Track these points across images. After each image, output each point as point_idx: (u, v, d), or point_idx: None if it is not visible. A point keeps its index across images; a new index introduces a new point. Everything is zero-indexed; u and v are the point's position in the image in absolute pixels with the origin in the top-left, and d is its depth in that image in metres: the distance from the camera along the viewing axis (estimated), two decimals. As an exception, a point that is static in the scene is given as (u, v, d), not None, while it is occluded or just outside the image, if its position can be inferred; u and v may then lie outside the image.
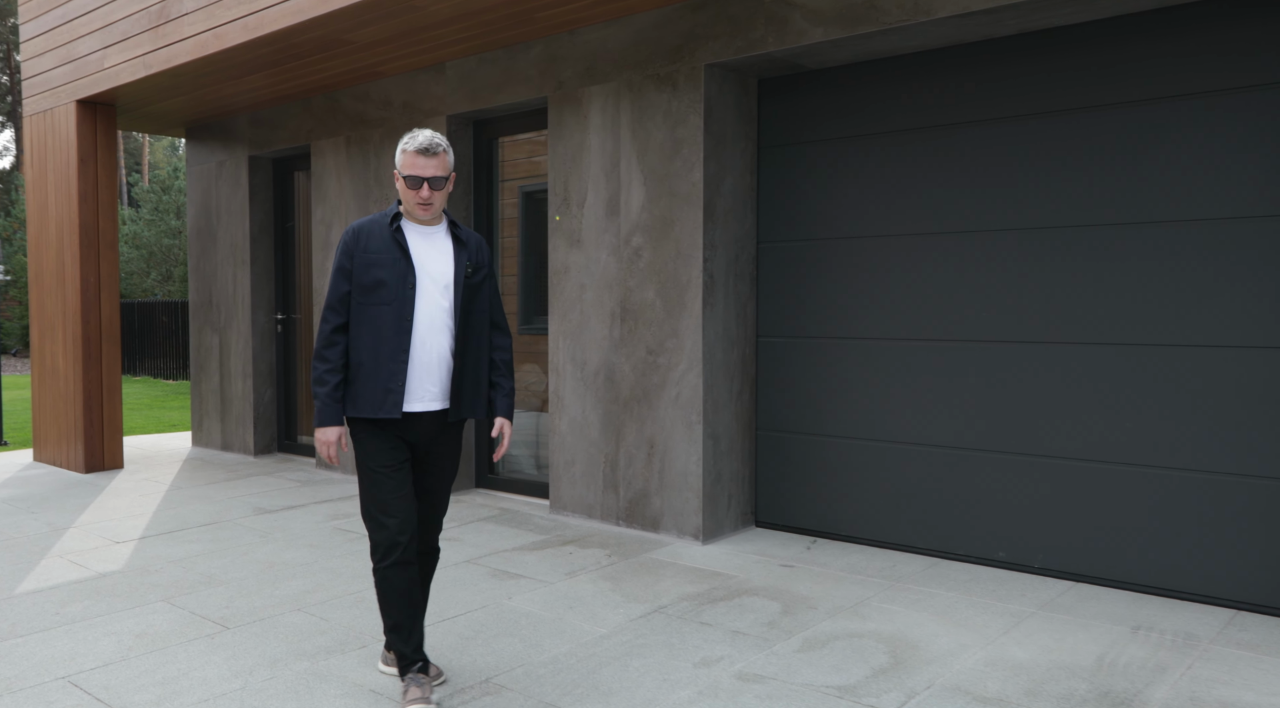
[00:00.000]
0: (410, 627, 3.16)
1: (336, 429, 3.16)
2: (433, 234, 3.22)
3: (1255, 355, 3.97)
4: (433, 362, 3.16)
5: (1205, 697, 3.24)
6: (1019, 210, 4.55)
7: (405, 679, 3.16)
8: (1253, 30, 3.93)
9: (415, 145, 3.12)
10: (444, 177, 3.15)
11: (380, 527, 3.12)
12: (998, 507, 4.67)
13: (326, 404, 3.14)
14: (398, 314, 3.11)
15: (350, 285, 3.14)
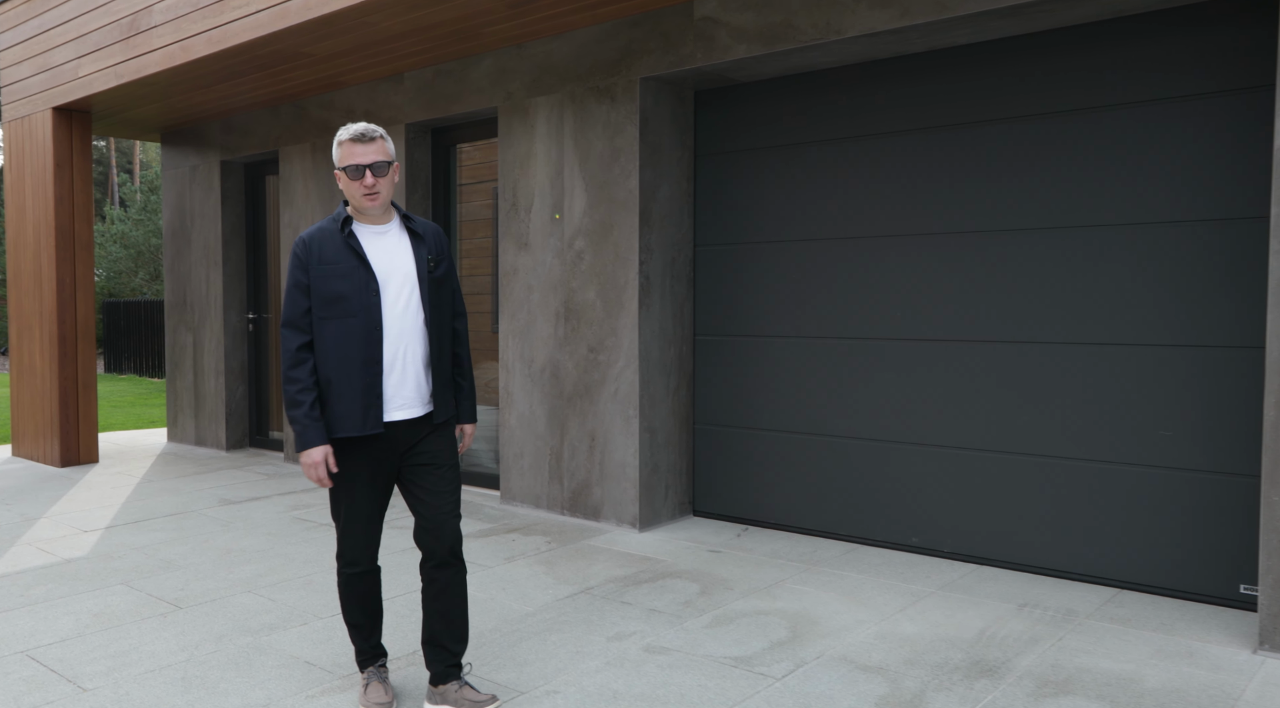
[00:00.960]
0: (370, 626, 3.22)
1: (321, 449, 2.96)
2: (387, 232, 3.06)
3: (1146, 353, 4.27)
4: (409, 367, 3.04)
5: (1066, 664, 3.53)
6: (931, 216, 4.85)
7: (365, 674, 3.22)
8: (1150, 49, 4.23)
9: (349, 134, 2.97)
10: (386, 162, 2.98)
11: (346, 536, 3.11)
12: (912, 495, 4.97)
13: (306, 425, 2.95)
14: (365, 324, 2.97)
15: (309, 301, 2.99)
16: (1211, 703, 3.20)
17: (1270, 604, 3.57)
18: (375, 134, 2.99)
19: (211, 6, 6.12)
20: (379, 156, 2.97)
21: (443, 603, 3.12)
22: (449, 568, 3.11)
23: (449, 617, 3.13)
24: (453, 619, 3.13)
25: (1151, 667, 3.50)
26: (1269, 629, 3.57)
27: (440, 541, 3.07)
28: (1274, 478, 3.54)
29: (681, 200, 5.67)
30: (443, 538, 3.08)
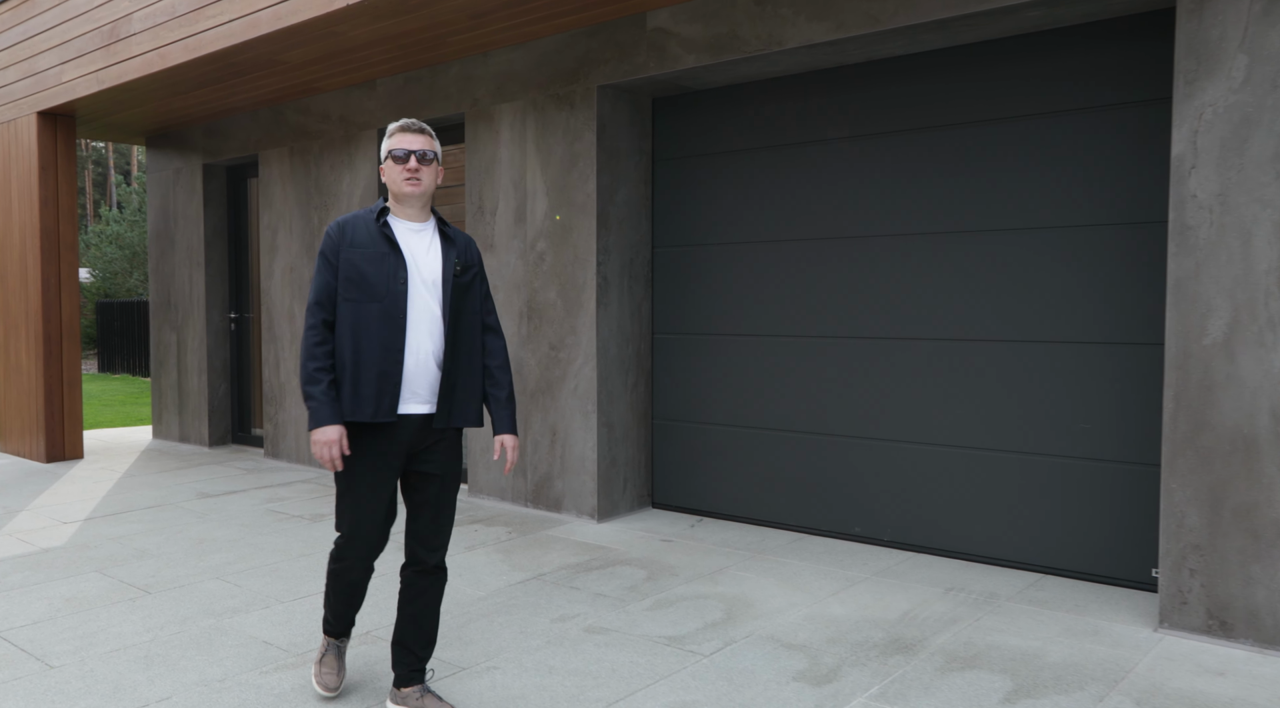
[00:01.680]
0: (348, 616, 3.28)
1: (336, 428, 2.92)
2: (421, 231, 3.07)
3: (1066, 349, 4.48)
4: (420, 362, 3.02)
5: (978, 641, 3.75)
6: (869, 219, 5.06)
7: (325, 643, 3.32)
8: (1066, 62, 4.44)
9: (399, 125, 3.03)
10: (432, 152, 3.03)
11: (355, 535, 3.06)
12: (854, 487, 5.18)
13: (322, 403, 2.92)
14: (388, 312, 2.96)
15: (336, 281, 3.00)
16: (1105, 675, 3.42)
17: (1169, 585, 3.79)
18: (427, 129, 3.05)
19: (187, 15, 6.33)
20: (427, 147, 3.02)
21: (417, 607, 3.14)
22: (430, 575, 3.14)
23: (420, 622, 3.14)
24: (423, 625, 3.15)
25: (1057, 644, 3.72)
26: (1168, 609, 3.79)
27: (431, 553, 3.11)
28: (1173, 467, 3.76)
29: (639, 203, 5.89)
30: (434, 551, 3.11)
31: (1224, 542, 3.66)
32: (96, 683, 3.43)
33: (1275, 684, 3.33)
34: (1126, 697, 3.25)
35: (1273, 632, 3.57)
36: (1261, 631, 3.59)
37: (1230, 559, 3.65)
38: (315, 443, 2.93)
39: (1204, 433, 3.69)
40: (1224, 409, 3.64)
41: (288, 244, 7.78)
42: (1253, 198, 3.55)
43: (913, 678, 3.41)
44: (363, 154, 7.10)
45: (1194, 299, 3.69)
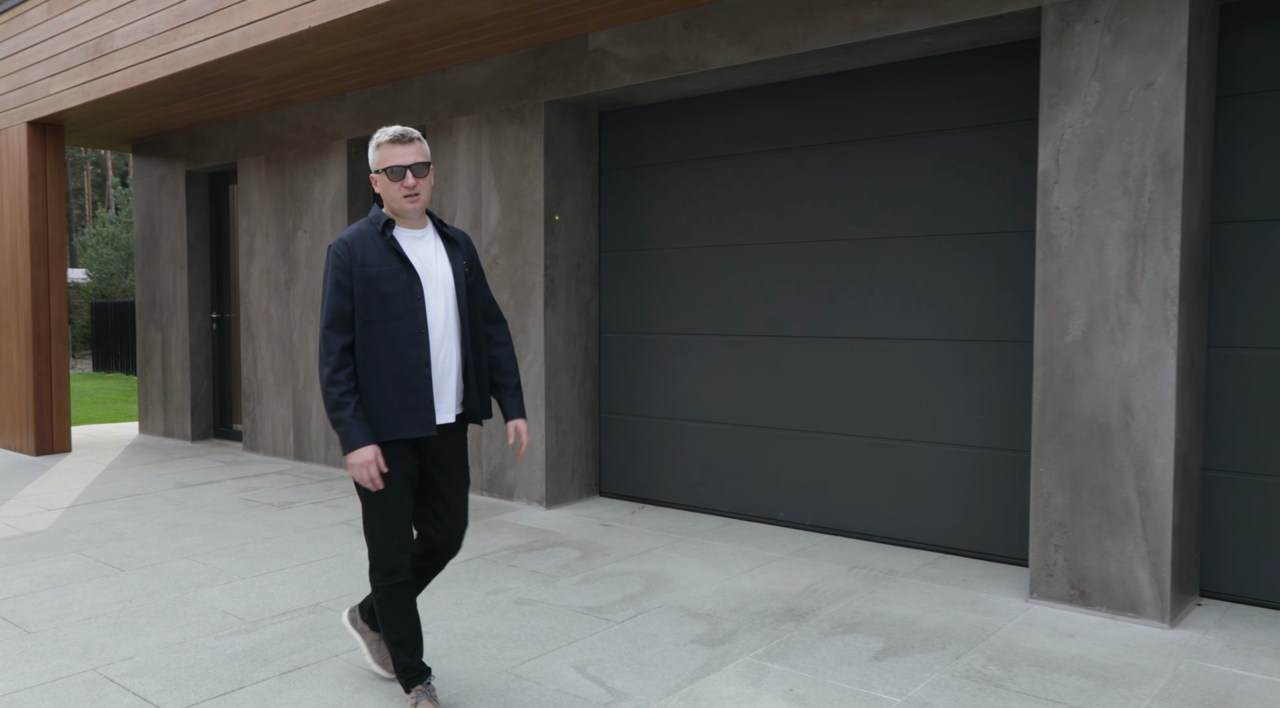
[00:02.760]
0: (414, 642, 3.14)
1: (371, 448, 2.91)
2: (424, 237, 3.07)
3: (961, 347, 4.88)
4: (448, 372, 3.04)
5: (865, 611, 4.16)
6: (791, 226, 5.46)
7: (413, 693, 3.14)
8: (955, 83, 4.85)
9: (388, 136, 2.97)
10: (425, 162, 2.99)
11: (382, 547, 3.05)
12: (779, 475, 5.59)
13: (352, 426, 2.90)
14: (410, 327, 2.95)
15: (352, 304, 2.95)
16: (968, 638, 3.82)
17: (1038, 560, 4.19)
18: (413, 136, 2.99)
19: (165, 34, 6.73)
20: (418, 157, 2.97)
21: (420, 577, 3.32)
22: (444, 560, 3.27)
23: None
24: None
25: (935, 612, 4.12)
26: (1037, 581, 4.20)
27: (446, 553, 3.22)
28: (1041, 452, 4.16)
29: (586, 211, 6.29)
30: (449, 550, 3.22)
31: (1083, 520, 4.06)
32: (68, 646, 3.83)
33: (1115, 645, 3.74)
34: (981, 654, 3.65)
35: (1123, 600, 3.97)
36: (1113, 599, 4.00)
37: (1088, 535, 4.05)
38: (353, 467, 2.90)
39: (1066, 422, 4.09)
40: (1083, 400, 4.04)
41: (264, 248, 8.18)
42: (1105, 210, 3.96)
43: (797, 641, 3.82)
44: (333, 163, 7.50)
45: (1057, 301, 4.09)
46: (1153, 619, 3.91)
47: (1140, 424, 3.90)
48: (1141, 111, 3.86)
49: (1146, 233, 3.86)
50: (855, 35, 4.64)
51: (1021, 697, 3.28)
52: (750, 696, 3.31)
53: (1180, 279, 3.82)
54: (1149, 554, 3.91)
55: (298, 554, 5.15)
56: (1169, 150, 3.80)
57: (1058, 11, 4.05)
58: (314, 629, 4.00)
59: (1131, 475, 3.93)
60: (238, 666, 3.61)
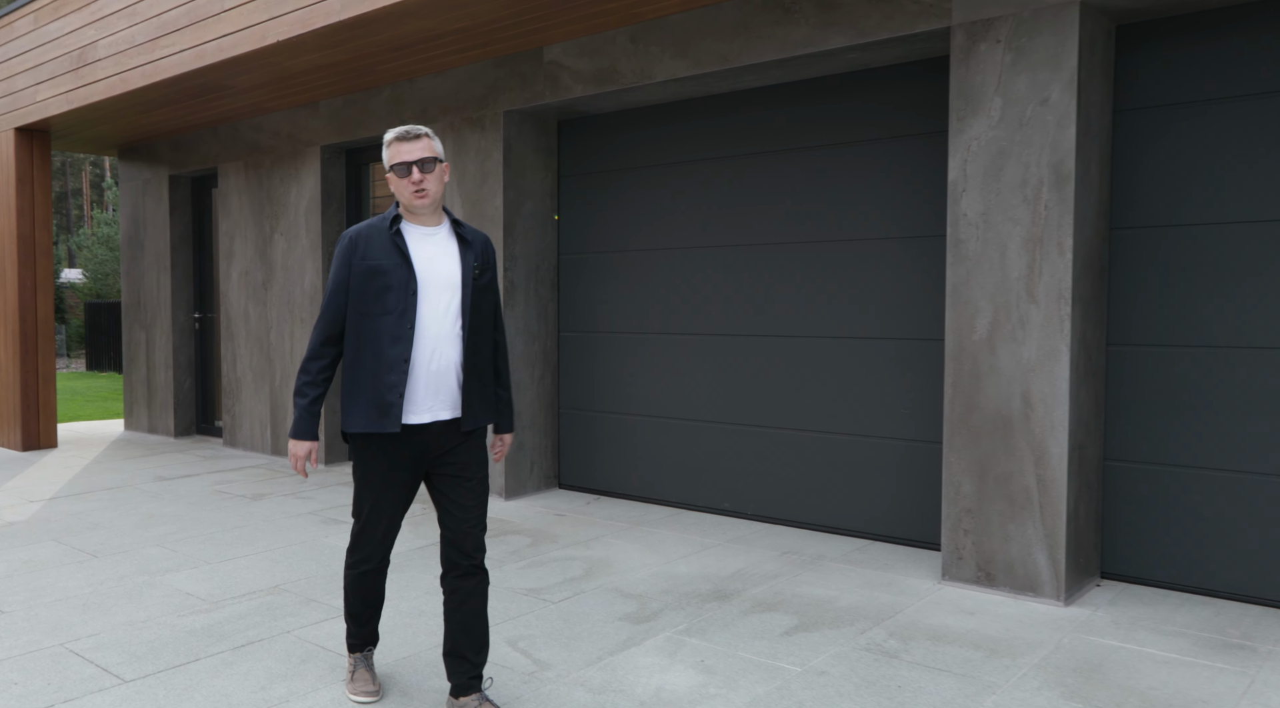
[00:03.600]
0: (367, 617, 3.26)
1: (308, 444, 3.05)
2: (435, 234, 3.07)
3: (886, 345, 5.16)
4: (442, 369, 3.02)
5: (786, 592, 4.44)
6: (731, 231, 5.75)
7: (353, 658, 3.29)
8: (884, 96, 5.13)
9: (395, 134, 3.00)
10: (433, 158, 2.99)
11: (364, 533, 3.12)
12: (723, 467, 5.87)
13: (302, 416, 3.03)
14: (398, 323, 2.97)
15: (347, 297, 3.01)
16: (876, 615, 4.10)
17: (949, 544, 4.47)
18: (420, 132, 3.00)
19: (144, 45, 7.02)
20: (425, 153, 2.98)
21: (464, 614, 3.10)
22: (471, 578, 3.11)
23: (470, 628, 3.11)
24: (473, 630, 3.11)
25: (851, 593, 4.41)
26: (948, 564, 4.48)
27: (465, 554, 3.09)
28: (951, 443, 4.44)
29: (545, 215, 6.57)
30: (467, 551, 3.09)
31: (988, 506, 4.34)
32: (39, 623, 4.11)
33: (1010, 621, 4.02)
34: (884, 630, 3.93)
35: (1023, 580, 4.26)
36: (1015, 579, 4.28)
37: (993, 521, 4.34)
38: (290, 453, 3.08)
39: (974, 414, 4.37)
40: (988, 394, 4.33)
41: (243, 250, 8.47)
42: (1007, 217, 4.24)
43: (717, 618, 4.10)
44: (308, 168, 7.78)
45: (966, 301, 4.38)
46: (1049, 598, 4.19)
47: (1039, 416, 4.19)
48: (1038, 125, 4.14)
49: (1043, 238, 4.14)
50: (786, 51, 4.92)
51: (912, 666, 3.56)
52: (663, 666, 3.59)
53: (1074, 281, 4.10)
54: (1046, 537, 4.19)
55: (263, 541, 5.43)
56: (1062, 161, 4.08)
57: (964, 31, 4.33)
58: (270, 609, 4.28)
59: (1031, 464, 4.21)
60: (195, 641, 3.89)
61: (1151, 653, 3.66)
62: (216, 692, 3.39)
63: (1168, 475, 4.33)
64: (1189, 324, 4.26)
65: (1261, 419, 4.11)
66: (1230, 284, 4.16)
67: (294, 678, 3.51)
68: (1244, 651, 3.68)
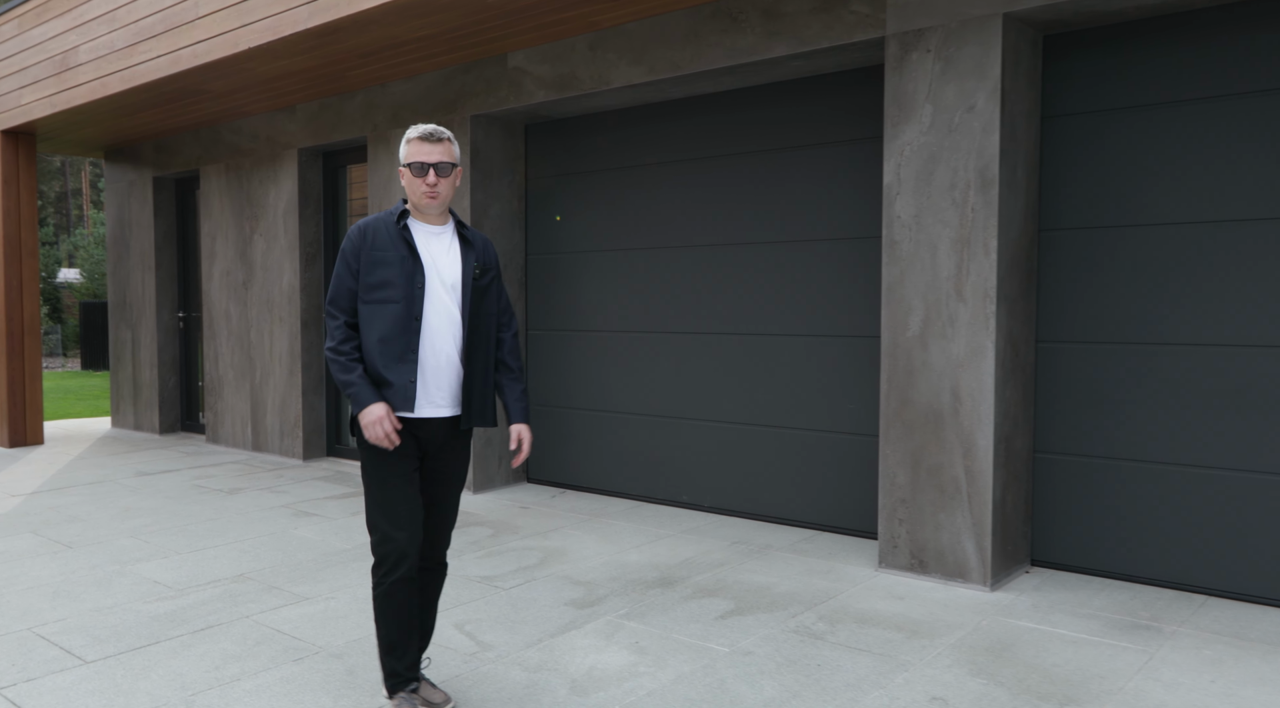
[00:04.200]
0: (406, 644, 3.10)
1: (381, 405, 2.96)
2: (440, 234, 3.10)
3: (834, 343, 5.35)
4: (440, 366, 3.05)
5: (729, 579, 4.63)
6: (692, 232, 5.93)
7: (396, 699, 3.09)
8: (828, 102, 5.31)
9: (419, 133, 3.02)
10: (450, 163, 3.02)
11: (387, 539, 3.02)
12: (682, 461, 6.06)
13: (361, 387, 2.97)
14: (405, 313, 3.00)
15: (356, 284, 3.04)
16: (810, 601, 4.29)
17: (885, 533, 4.66)
18: (443, 136, 3.03)
19: (123, 50, 7.20)
20: (444, 157, 3.01)
21: (421, 596, 3.21)
22: (433, 572, 3.22)
23: (422, 612, 3.24)
24: (425, 619, 3.25)
25: (790, 580, 4.60)
26: (885, 552, 4.67)
27: (435, 550, 3.20)
28: (887, 436, 4.63)
29: (513, 217, 6.76)
30: (439, 548, 3.20)
31: (921, 496, 4.53)
32: (8, 609, 4.30)
33: (936, 605, 4.21)
34: (815, 614, 4.12)
35: (953, 567, 4.45)
36: (945, 566, 4.47)
37: (925, 510, 4.52)
38: (366, 426, 2.95)
39: (907, 408, 4.56)
40: (921, 389, 4.51)
41: (224, 250, 8.65)
42: (937, 219, 4.42)
43: (658, 604, 4.29)
44: (286, 171, 7.96)
45: (900, 300, 4.56)
46: (977, 584, 4.38)
47: (967, 410, 4.37)
48: (965, 131, 4.33)
49: (970, 239, 4.33)
50: (733, 58, 5.11)
51: (834, 647, 3.75)
52: (599, 647, 3.78)
53: (999, 281, 4.29)
54: (974, 526, 4.38)
55: (234, 533, 5.62)
56: (987, 166, 4.27)
57: (898, 41, 4.51)
58: (232, 596, 4.46)
59: (960, 456, 4.40)
60: (157, 625, 4.08)
61: (1063, 634, 3.85)
62: (172, 672, 3.58)
63: (1092, 467, 4.52)
64: (1112, 322, 4.45)
65: (1176, 413, 4.29)
66: (1149, 284, 4.35)
67: (247, 659, 3.70)
68: (1149, 631, 3.86)
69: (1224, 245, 4.17)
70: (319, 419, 8.02)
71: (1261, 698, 3.25)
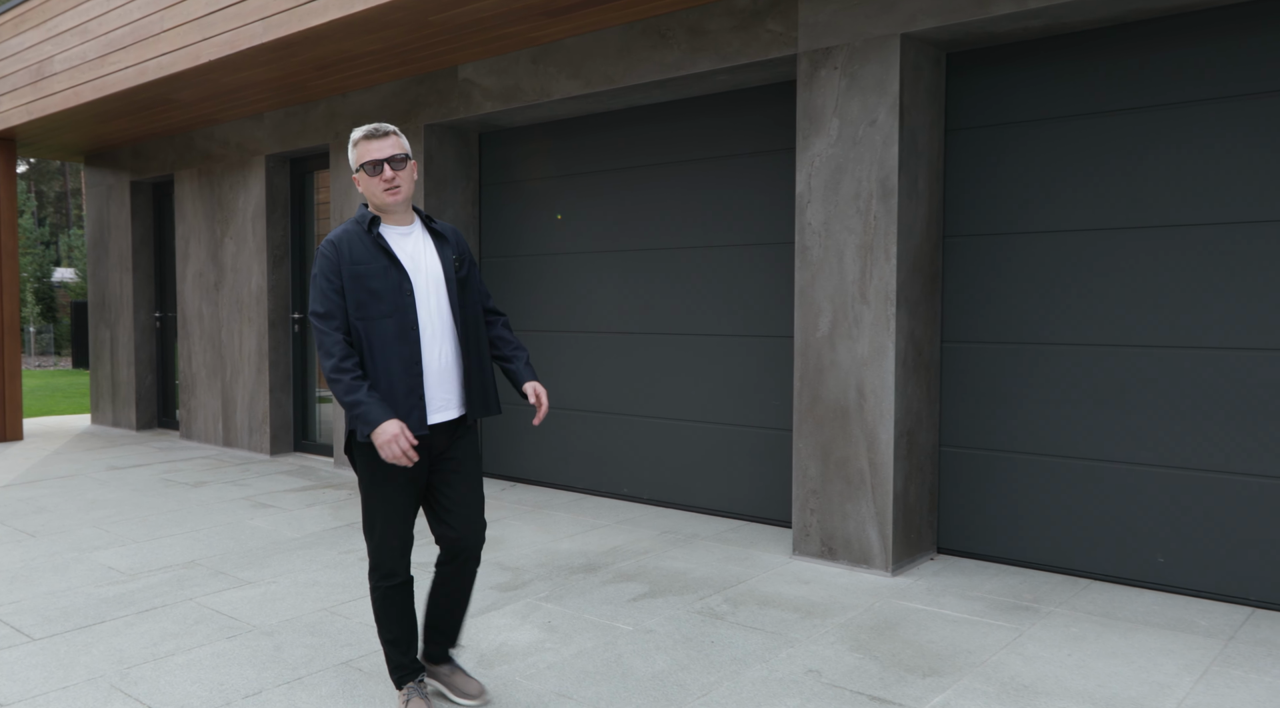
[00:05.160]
0: (408, 640, 3.13)
1: (395, 422, 2.83)
2: (410, 233, 3.04)
3: (765, 342, 5.62)
4: (443, 367, 3.01)
5: (649, 565, 4.90)
6: (630, 236, 6.21)
7: (405, 690, 3.12)
8: (754, 114, 5.58)
9: (361, 133, 2.96)
10: (403, 155, 2.96)
11: (383, 547, 3.02)
12: (624, 455, 6.33)
13: (370, 405, 2.84)
14: (400, 324, 2.93)
15: (344, 300, 2.93)
16: (721, 585, 4.56)
17: (798, 522, 4.93)
18: (388, 130, 2.98)
19: (94, 61, 7.47)
20: (395, 150, 2.95)
21: (454, 589, 3.19)
22: (467, 565, 3.17)
23: (455, 605, 3.22)
24: (457, 607, 3.23)
25: (706, 566, 4.87)
26: (798, 540, 4.94)
27: (469, 548, 3.12)
28: (800, 430, 4.90)
29: (467, 221, 7.03)
30: (472, 546, 3.12)
31: (830, 487, 4.80)
32: (-31, 592, 4.57)
33: (836, 589, 4.48)
34: (721, 597, 4.39)
35: (858, 554, 4.72)
36: (852, 553, 4.74)
37: (834, 500, 4.80)
38: (382, 445, 2.82)
39: (818, 405, 4.83)
40: (829, 386, 4.78)
41: (197, 253, 8.93)
42: (844, 226, 4.70)
43: (578, 587, 4.56)
44: (254, 176, 8.24)
45: (811, 302, 4.83)
46: (879, 569, 4.66)
47: (870, 406, 4.64)
48: (868, 144, 4.60)
49: (873, 246, 4.60)
50: (663, 73, 5.38)
51: (732, 626, 4.02)
52: (513, 626, 4.05)
53: (899, 285, 4.56)
54: (877, 515, 4.65)
55: (191, 523, 5.89)
56: (888, 177, 4.54)
57: (808, 59, 4.79)
58: (180, 581, 4.74)
59: (864, 449, 4.67)
60: (105, 607, 4.35)
61: (947, 614, 4.12)
62: (112, 648, 3.85)
63: (993, 460, 4.79)
64: (1008, 324, 4.72)
65: (1063, 409, 4.56)
66: (1039, 288, 4.62)
67: (184, 636, 3.97)
68: (1027, 611, 4.14)
69: (1103, 251, 4.44)
70: (286, 415, 8.29)
71: (1110, 669, 3.52)
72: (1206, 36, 4.18)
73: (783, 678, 3.48)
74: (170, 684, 3.49)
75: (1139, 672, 3.50)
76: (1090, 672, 3.51)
